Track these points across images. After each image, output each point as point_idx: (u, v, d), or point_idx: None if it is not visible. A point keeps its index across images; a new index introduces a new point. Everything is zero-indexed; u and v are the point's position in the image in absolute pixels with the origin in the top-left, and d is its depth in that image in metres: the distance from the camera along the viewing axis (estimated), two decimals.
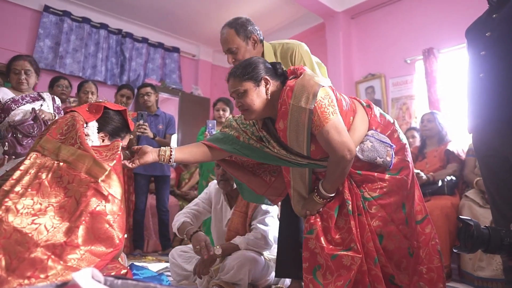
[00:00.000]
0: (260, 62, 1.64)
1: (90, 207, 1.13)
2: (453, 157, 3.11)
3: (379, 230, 1.55)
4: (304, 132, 1.52)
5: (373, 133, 1.64)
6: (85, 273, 0.73)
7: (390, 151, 1.61)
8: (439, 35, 4.19)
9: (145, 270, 1.68)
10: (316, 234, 1.57)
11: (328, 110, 1.49)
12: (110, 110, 1.53)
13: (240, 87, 1.59)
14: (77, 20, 5.41)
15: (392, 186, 1.60)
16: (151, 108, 3.95)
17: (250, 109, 1.59)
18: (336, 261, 1.49)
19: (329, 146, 1.50)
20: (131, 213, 3.95)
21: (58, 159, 1.23)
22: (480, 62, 1.70)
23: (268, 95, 1.60)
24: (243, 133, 1.74)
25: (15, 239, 1.02)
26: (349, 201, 1.56)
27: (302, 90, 1.50)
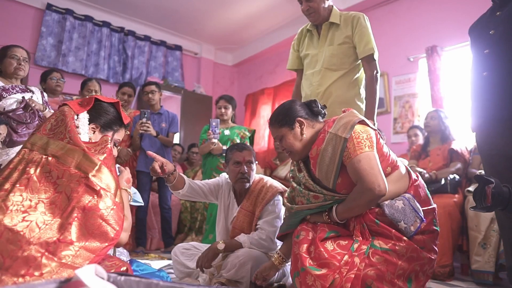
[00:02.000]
0: (295, 106, 1.74)
1: (82, 203, 1.11)
2: (456, 155, 3.10)
3: (370, 282, 1.41)
4: (335, 161, 1.54)
5: (409, 197, 1.56)
6: (89, 270, 0.73)
7: (417, 223, 1.51)
8: (443, 33, 4.18)
9: (145, 266, 1.68)
10: (301, 240, 1.56)
11: (365, 143, 1.52)
12: (103, 102, 1.48)
13: (277, 134, 1.73)
14: (80, 18, 5.42)
15: (406, 250, 1.47)
16: (155, 107, 3.96)
17: (293, 151, 1.71)
18: (302, 275, 1.46)
19: (359, 176, 1.48)
20: (134, 210, 3.96)
21: (47, 154, 1.20)
22: (483, 60, 1.70)
23: (304, 135, 1.68)
24: (288, 206, 1.82)
25: (7, 238, 1.01)
26: (357, 240, 1.50)
27: (342, 120, 1.59)
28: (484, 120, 1.71)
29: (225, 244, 2.15)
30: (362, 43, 2.27)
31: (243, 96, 6.98)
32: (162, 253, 3.81)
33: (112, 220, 1.15)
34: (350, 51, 2.32)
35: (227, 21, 5.92)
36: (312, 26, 2.46)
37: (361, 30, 2.29)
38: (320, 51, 2.38)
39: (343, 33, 2.33)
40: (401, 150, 4.25)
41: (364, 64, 2.31)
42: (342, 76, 2.31)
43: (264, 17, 5.74)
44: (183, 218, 4.66)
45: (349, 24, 2.32)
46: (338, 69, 2.32)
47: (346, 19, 2.35)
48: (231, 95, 4.00)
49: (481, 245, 2.61)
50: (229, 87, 7.24)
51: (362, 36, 2.28)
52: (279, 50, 6.27)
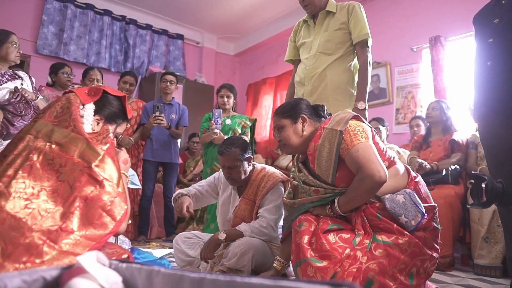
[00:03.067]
0: (303, 103, 1.82)
1: (84, 193, 1.11)
2: (457, 146, 3.09)
3: (372, 275, 1.39)
4: (332, 155, 1.56)
5: (410, 192, 1.56)
6: (90, 257, 0.74)
7: (418, 217, 1.50)
8: (446, 23, 4.14)
9: (146, 254, 1.69)
10: (303, 230, 1.56)
11: (361, 135, 1.55)
12: (109, 95, 1.49)
13: (279, 123, 1.79)
14: (81, 6, 5.39)
15: (409, 245, 1.46)
16: (168, 97, 4.00)
17: (287, 144, 1.76)
18: (303, 266, 1.46)
19: (358, 165, 1.49)
20: (137, 200, 3.98)
21: (50, 141, 1.19)
22: (487, 49, 1.68)
23: (304, 132, 1.74)
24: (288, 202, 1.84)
25: (9, 224, 1.01)
26: (359, 234, 1.50)
27: (337, 117, 1.65)
28: (487, 110, 1.70)
29: (226, 234, 2.17)
30: (357, 28, 2.32)
31: (245, 86, 6.96)
32: (163, 241, 3.84)
33: (113, 210, 1.15)
34: (345, 37, 2.36)
35: (229, 10, 5.87)
36: (308, 16, 2.51)
37: (357, 17, 2.33)
38: (315, 38, 2.42)
39: (338, 19, 2.37)
40: (403, 140, 4.24)
41: (358, 49, 2.35)
42: (337, 60, 2.35)
43: (266, 7, 5.70)
44: None
45: (344, 11, 2.37)
46: (333, 53, 2.35)
47: (342, 7, 2.39)
48: (233, 84, 3.99)
49: (484, 238, 2.62)
50: (231, 76, 7.21)
51: (357, 22, 2.32)
52: (281, 39, 6.22)
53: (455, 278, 2.46)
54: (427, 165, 3.00)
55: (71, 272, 0.71)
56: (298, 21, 2.63)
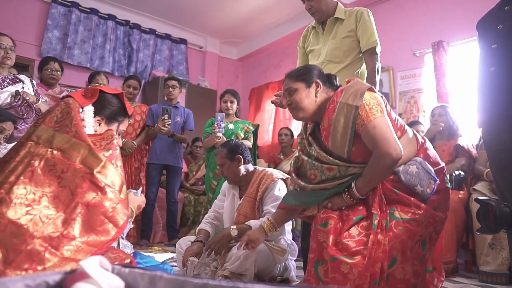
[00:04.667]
0: (316, 69, 1.77)
1: (86, 199, 1.11)
2: (462, 151, 3.08)
3: (396, 253, 1.46)
4: (348, 130, 1.54)
5: (421, 161, 1.59)
6: (93, 261, 0.74)
7: (432, 184, 1.56)
8: (449, 28, 4.14)
9: (149, 259, 1.69)
10: (329, 229, 1.53)
11: (376, 109, 1.54)
12: (107, 94, 1.48)
13: (292, 86, 1.72)
14: (85, 11, 5.42)
15: (425, 217, 1.52)
16: (173, 101, 4.03)
17: (298, 107, 1.70)
18: (334, 264, 1.44)
19: (375, 142, 1.49)
20: None
21: (52, 147, 1.19)
22: (491, 55, 1.68)
23: (317, 98, 1.70)
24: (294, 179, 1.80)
25: (11, 231, 1.00)
26: (376, 216, 1.51)
27: (351, 89, 1.59)
28: (491, 116, 1.69)
29: (238, 230, 2.20)
30: (366, 36, 2.29)
31: (248, 90, 6.96)
32: (166, 246, 3.83)
33: (115, 217, 1.15)
34: (353, 44, 2.33)
35: (232, 14, 5.89)
36: (317, 23, 2.49)
37: (365, 24, 2.30)
38: (324, 45, 2.40)
39: (346, 27, 2.34)
40: None
41: (366, 56, 2.33)
42: (345, 68, 2.33)
43: (270, 11, 5.71)
44: (187, 212, 4.68)
45: (353, 18, 2.34)
46: (341, 61, 2.33)
47: (351, 14, 2.37)
48: (235, 89, 4.01)
49: (490, 245, 2.59)
50: (234, 81, 7.22)
51: (366, 29, 2.29)
52: (284, 44, 6.24)
53: (459, 285, 2.44)
54: None
55: (74, 277, 0.71)
56: (307, 27, 2.61)
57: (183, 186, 4.91)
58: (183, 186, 4.90)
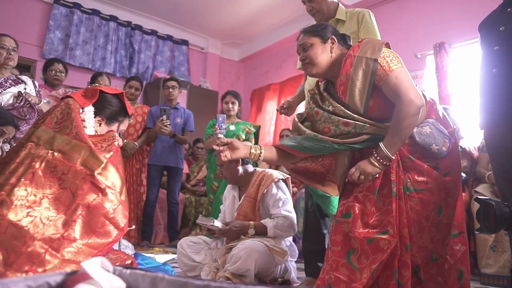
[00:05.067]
0: (331, 26, 1.77)
1: (87, 201, 1.11)
2: (463, 153, 3.07)
3: (413, 223, 1.53)
4: (366, 83, 1.54)
5: (433, 122, 1.61)
6: (94, 263, 0.74)
7: (447, 143, 1.58)
8: (451, 30, 4.13)
9: (150, 260, 1.69)
10: (353, 218, 1.54)
11: (396, 60, 1.56)
12: (107, 94, 1.48)
13: (307, 41, 1.71)
14: (87, 12, 5.44)
15: (436, 185, 1.55)
16: (173, 102, 4.02)
17: (313, 62, 1.68)
18: (372, 244, 1.47)
19: (397, 91, 1.49)
20: (140, 205, 3.98)
21: (53, 149, 1.19)
22: (493, 57, 1.68)
23: (333, 53, 1.69)
24: (300, 127, 1.75)
25: (11, 233, 1.00)
26: (394, 183, 1.53)
27: (368, 44, 1.60)
28: (493, 118, 1.69)
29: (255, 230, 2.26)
30: None
31: (249, 92, 6.97)
32: (167, 247, 3.83)
33: (116, 219, 1.14)
34: None
35: (233, 16, 5.90)
36: None
37: (367, 26, 2.29)
38: None
39: (348, 29, 2.31)
40: None
41: None
42: None
43: (271, 13, 5.72)
44: (188, 213, 4.68)
45: (354, 20, 2.32)
46: None
47: (352, 15, 2.35)
48: (237, 90, 4.01)
49: (491, 247, 2.58)
50: (235, 82, 7.22)
51: (368, 32, 2.27)
52: (285, 45, 6.23)
53: None
54: None
55: (76, 278, 0.71)
56: None
57: (184, 187, 4.91)
58: (184, 187, 4.90)
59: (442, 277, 1.56)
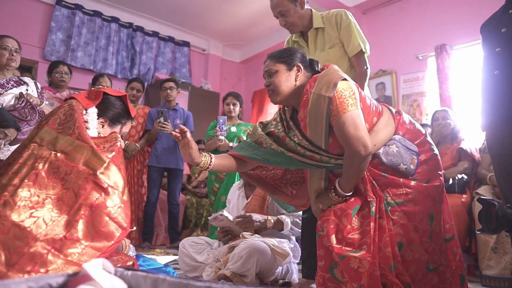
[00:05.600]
0: (299, 52, 1.73)
1: (89, 200, 1.11)
2: (465, 155, 3.07)
3: (399, 238, 1.49)
4: (323, 122, 1.52)
5: (400, 139, 1.60)
6: (96, 264, 0.74)
7: (415, 159, 1.57)
8: (452, 31, 4.14)
9: (152, 261, 1.68)
10: (327, 232, 1.52)
11: (348, 102, 1.50)
12: (110, 96, 1.48)
13: (273, 67, 1.68)
14: (89, 13, 5.45)
15: (418, 194, 1.53)
16: (172, 103, 4.02)
17: (276, 90, 1.66)
18: (344, 262, 1.44)
19: (344, 139, 1.49)
20: (141, 206, 3.98)
21: (56, 149, 1.19)
22: (495, 58, 1.67)
23: (297, 82, 1.66)
24: (266, 138, 1.74)
25: (14, 233, 1.01)
26: (373, 203, 1.51)
27: (324, 79, 1.55)
28: (495, 119, 1.69)
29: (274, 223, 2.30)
30: (350, 42, 2.20)
31: (250, 93, 6.97)
32: (168, 248, 3.83)
33: (119, 218, 1.14)
34: (342, 50, 2.25)
35: (235, 17, 5.91)
36: (297, 36, 2.38)
37: (346, 28, 2.21)
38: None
39: (330, 35, 2.25)
40: None
41: (353, 60, 2.23)
42: None
43: (272, 14, 5.72)
44: (189, 214, 4.68)
45: (333, 24, 2.24)
46: None
47: (329, 19, 2.26)
48: (238, 91, 4.01)
49: (493, 249, 2.57)
50: (237, 83, 7.23)
51: (348, 34, 2.20)
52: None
53: None
54: None
55: (77, 279, 0.71)
56: (287, 40, 2.49)
57: (186, 189, 4.91)
58: (185, 189, 4.90)
59: (444, 285, 1.53)
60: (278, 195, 1.91)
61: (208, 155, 1.65)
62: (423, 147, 1.64)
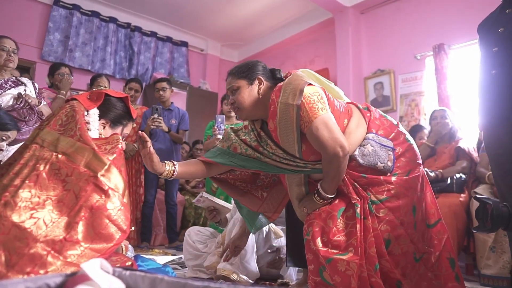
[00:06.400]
0: (259, 65, 1.71)
1: (90, 202, 1.11)
2: (463, 154, 3.08)
3: (387, 235, 1.49)
4: (294, 131, 1.50)
5: (373, 137, 1.60)
6: (94, 264, 0.74)
7: (391, 155, 1.58)
8: (450, 31, 4.14)
9: (150, 261, 1.68)
10: (312, 235, 1.51)
11: (317, 106, 1.48)
12: (112, 97, 1.49)
13: (234, 84, 1.66)
14: (87, 13, 5.44)
15: (400, 188, 1.54)
16: (166, 103, 4.02)
17: (241, 107, 1.65)
18: (331, 265, 1.43)
19: (320, 144, 1.47)
20: (139, 207, 3.98)
21: (57, 151, 1.19)
22: (492, 58, 1.68)
23: (260, 95, 1.64)
24: (241, 143, 1.72)
25: (14, 234, 1.01)
26: (358, 204, 1.51)
27: (289, 87, 1.52)
28: (492, 119, 1.69)
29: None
30: None
31: None
32: (166, 248, 3.83)
33: (118, 221, 1.14)
34: None
35: (233, 17, 5.91)
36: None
37: None
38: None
39: None
40: None
41: None
42: None
43: (270, 14, 5.73)
44: (187, 214, 4.68)
45: None
46: None
47: None
48: None
49: (491, 248, 2.58)
50: None
51: None
52: (285, 47, 6.25)
53: None
54: (431, 173, 2.99)
55: (75, 279, 0.71)
56: None
57: (184, 189, 4.91)
58: (184, 189, 4.89)
59: (432, 271, 1.54)
60: (247, 198, 1.86)
61: (171, 163, 1.64)
62: (398, 140, 1.65)
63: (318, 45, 5.68)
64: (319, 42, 5.68)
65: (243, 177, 1.88)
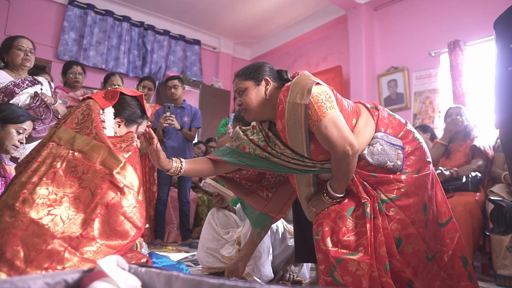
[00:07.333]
0: (266, 65, 1.71)
1: (106, 199, 1.12)
2: (478, 152, 3.03)
3: (398, 234, 1.48)
4: (302, 130, 1.50)
5: (382, 136, 1.59)
6: (110, 261, 0.75)
7: (400, 154, 1.56)
8: (466, 27, 4.07)
9: (165, 258, 1.70)
10: (322, 235, 1.50)
11: (326, 105, 1.47)
12: (126, 96, 1.51)
13: (241, 85, 1.66)
14: (101, 13, 5.50)
15: (410, 186, 1.53)
16: (178, 101, 4.03)
17: (248, 108, 1.65)
18: (341, 265, 1.43)
19: (329, 143, 1.46)
20: (153, 204, 4.01)
21: (73, 149, 1.21)
22: (508, 54, 1.65)
23: (267, 95, 1.63)
24: (249, 143, 1.72)
25: (32, 231, 1.03)
26: (367, 204, 1.50)
27: (297, 87, 1.51)
28: (508, 116, 1.66)
29: None
30: None
31: None
32: (179, 246, 3.86)
33: (134, 218, 1.16)
34: None
35: (245, 15, 5.91)
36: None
37: None
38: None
39: None
40: None
41: None
42: None
43: (282, 12, 5.71)
44: (200, 212, 4.70)
45: None
46: None
47: None
48: None
49: (508, 248, 2.53)
50: None
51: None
52: (297, 44, 6.22)
53: None
54: (446, 171, 2.95)
55: (92, 276, 0.72)
56: None
57: (197, 186, 4.94)
58: (197, 187, 4.92)
59: (445, 271, 1.53)
60: (253, 198, 1.87)
61: (178, 160, 1.64)
62: (407, 138, 1.64)
63: (331, 42, 5.65)
64: (332, 39, 5.65)
65: (249, 176, 1.89)
